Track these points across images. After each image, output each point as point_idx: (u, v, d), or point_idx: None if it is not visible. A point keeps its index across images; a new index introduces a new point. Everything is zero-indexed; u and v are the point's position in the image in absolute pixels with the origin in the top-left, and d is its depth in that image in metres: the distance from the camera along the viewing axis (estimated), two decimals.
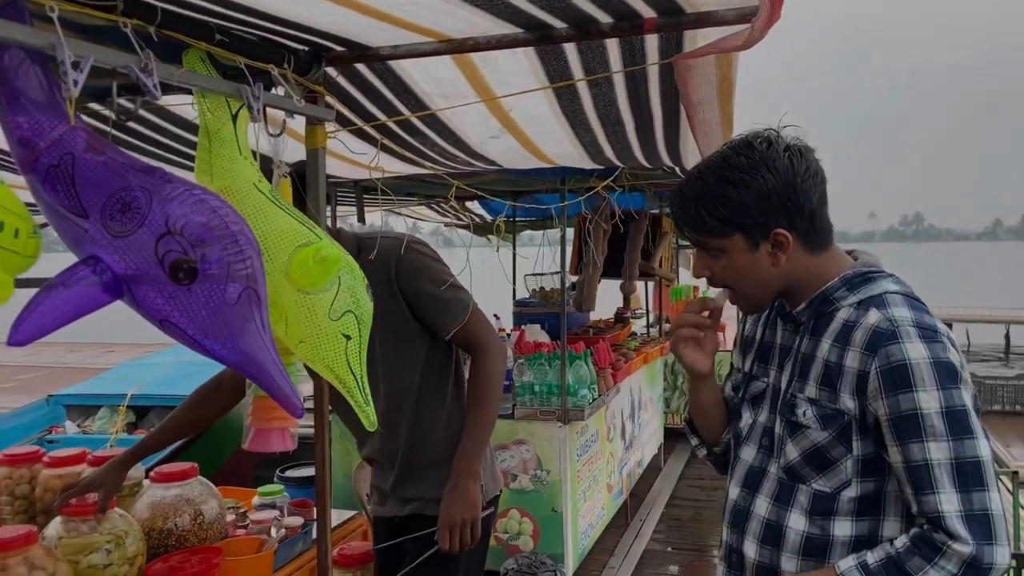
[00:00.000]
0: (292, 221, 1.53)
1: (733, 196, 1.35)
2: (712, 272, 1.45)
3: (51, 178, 1.14)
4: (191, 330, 1.12)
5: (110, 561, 2.09)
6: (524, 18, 1.66)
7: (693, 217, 1.40)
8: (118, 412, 5.11)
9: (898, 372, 1.26)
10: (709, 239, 1.40)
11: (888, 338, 1.29)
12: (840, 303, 1.39)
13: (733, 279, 1.43)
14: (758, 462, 1.49)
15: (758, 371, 1.55)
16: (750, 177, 1.34)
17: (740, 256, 1.40)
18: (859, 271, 1.41)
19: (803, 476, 1.39)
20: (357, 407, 1.55)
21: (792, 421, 1.40)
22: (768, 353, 1.54)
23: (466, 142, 2.89)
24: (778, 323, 1.54)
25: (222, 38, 1.54)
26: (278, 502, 2.69)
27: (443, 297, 2.15)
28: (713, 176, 1.37)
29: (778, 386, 1.48)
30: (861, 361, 1.31)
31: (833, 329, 1.38)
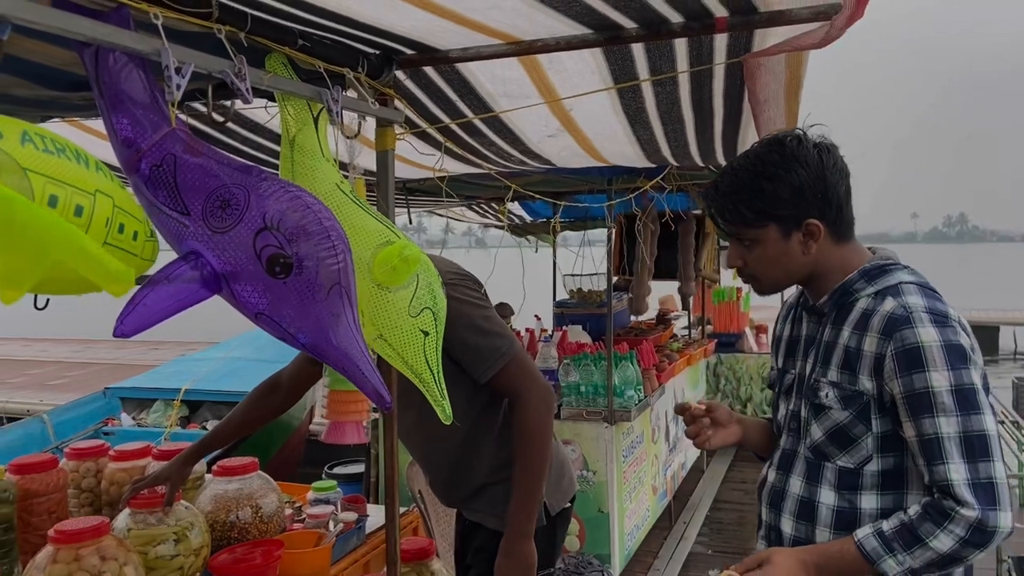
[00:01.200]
0: (373, 220, 1.56)
1: (768, 189, 1.46)
2: (745, 262, 1.56)
3: (154, 177, 1.18)
4: (285, 323, 1.16)
5: (177, 552, 2.13)
6: (596, 19, 1.68)
7: (730, 210, 1.51)
8: (172, 406, 5.23)
9: (912, 354, 1.38)
10: (745, 230, 1.51)
11: (903, 323, 1.40)
12: (859, 294, 1.50)
13: (764, 267, 1.54)
14: (789, 445, 1.61)
15: (787, 364, 1.67)
16: (784, 172, 1.45)
17: (774, 245, 1.51)
18: (876, 264, 1.52)
19: (828, 454, 1.51)
20: (434, 401, 1.58)
21: (816, 403, 1.52)
22: (795, 346, 1.65)
23: (524, 141, 2.91)
24: (803, 317, 1.65)
25: (304, 43, 1.59)
26: (332, 497, 2.73)
27: (475, 346, 2.01)
28: (747, 172, 1.49)
29: (803, 374, 1.59)
30: (878, 345, 1.41)
31: (853, 318, 1.48)
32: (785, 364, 1.68)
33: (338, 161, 1.64)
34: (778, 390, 1.69)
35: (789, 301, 1.78)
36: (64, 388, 9.37)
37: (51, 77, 1.63)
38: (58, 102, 1.83)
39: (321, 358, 1.22)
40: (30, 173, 0.85)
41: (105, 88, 1.23)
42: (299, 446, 5.84)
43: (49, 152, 0.90)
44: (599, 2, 1.56)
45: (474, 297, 2.06)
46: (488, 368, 2.01)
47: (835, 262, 1.54)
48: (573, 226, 8.07)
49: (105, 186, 1.03)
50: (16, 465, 2.23)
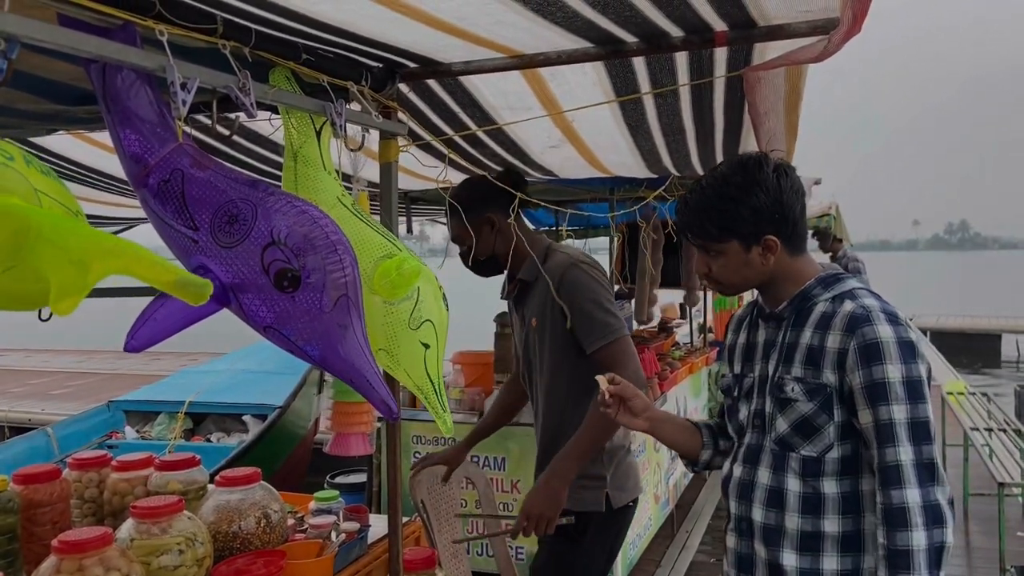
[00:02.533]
0: (374, 234, 1.58)
1: (731, 210, 1.61)
2: (710, 269, 1.71)
3: (162, 192, 1.19)
4: (294, 336, 1.17)
5: (180, 563, 2.11)
6: (597, 33, 1.69)
7: (697, 225, 1.67)
8: (176, 418, 5.23)
9: (871, 348, 1.54)
10: (710, 244, 1.66)
11: (863, 321, 1.56)
12: (817, 299, 1.65)
13: (727, 274, 1.69)
14: (755, 441, 1.73)
15: (745, 369, 1.78)
16: (745, 195, 1.60)
17: (735, 257, 1.66)
18: (830, 273, 1.69)
19: (792, 444, 1.64)
20: (434, 412, 1.59)
21: (781, 398, 1.65)
22: (752, 351, 1.77)
23: (527, 152, 2.93)
24: (758, 324, 1.78)
25: (308, 57, 1.60)
26: (334, 507, 2.72)
27: (592, 316, 2.33)
28: (714, 192, 1.63)
29: (765, 374, 1.71)
30: (841, 341, 1.57)
31: (813, 320, 1.63)
32: (743, 369, 1.79)
33: (342, 173, 1.65)
34: (737, 394, 1.80)
35: (738, 313, 1.92)
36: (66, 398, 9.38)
37: (56, 91, 1.65)
38: (63, 115, 1.85)
39: (329, 370, 1.23)
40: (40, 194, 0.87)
41: (112, 103, 1.24)
42: (305, 456, 5.85)
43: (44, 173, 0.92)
44: (600, 17, 1.58)
45: (602, 279, 2.42)
46: (599, 339, 2.33)
47: (791, 272, 1.69)
48: (576, 235, 8.09)
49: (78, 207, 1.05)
50: (20, 476, 2.23)
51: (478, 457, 4.37)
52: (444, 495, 3.42)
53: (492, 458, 4.41)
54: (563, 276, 2.37)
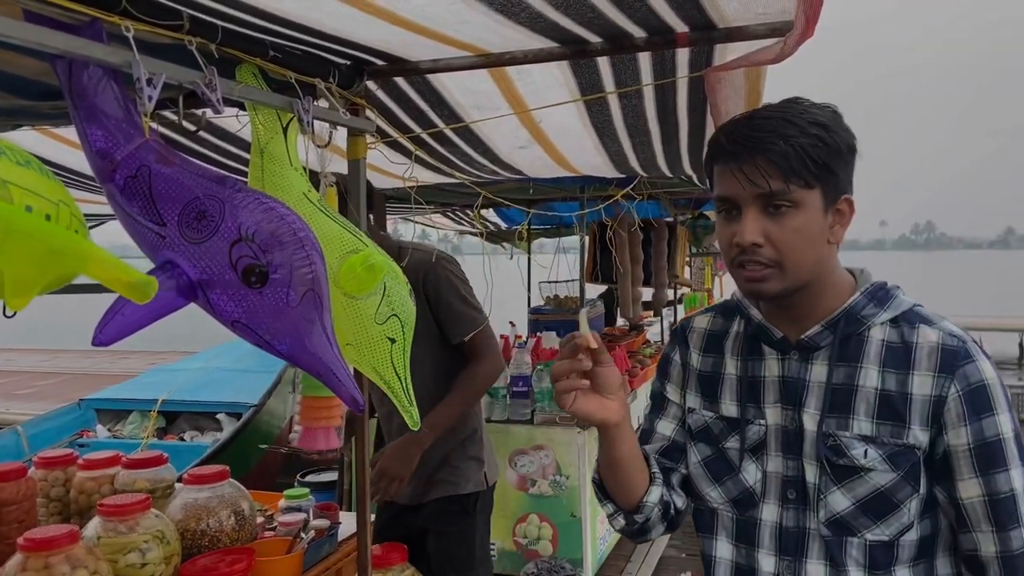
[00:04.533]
0: (340, 229, 1.59)
1: (828, 140, 1.14)
2: (768, 236, 1.16)
3: (128, 188, 1.21)
4: (261, 330, 1.19)
5: (147, 561, 2.12)
6: (562, 33, 1.73)
7: (792, 152, 1.13)
8: (149, 417, 5.19)
9: (980, 394, 1.16)
10: (791, 187, 1.14)
11: (963, 357, 1.17)
12: (870, 321, 1.23)
13: (798, 245, 1.16)
14: (792, 521, 1.26)
15: (752, 413, 1.30)
16: (842, 128, 1.17)
17: (813, 217, 1.16)
18: (878, 283, 1.27)
19: (854, 527, 1.21)
20: (401, 407, 1.62)
21: (841, 465, 1.21)
22: (757, 389, 1.30)
23: (495, 152, 2.96)
24: (764, 352, 1.30)
25: (275, 54, 1.62)
26: (304, 505, 2.73)
27: (458, 310, 2.53)
28: (800, 116, 1.15)
29: (795, 428, 1.26)
30: (935, 385, 1.17)
31: (875, 353, 1.21)
32: (744, 412, 1.31)
33: (308, 170, 1.67)
34: (737, 446, 1.31)
35: (701, 323, 1.43)
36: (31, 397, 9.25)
37: (21, 87, 1.64)
38: (28, 111, 1.85)
39: (297, 364, 1.25)
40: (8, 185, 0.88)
41: (78, 99, 1.25)
42: (278, 456, 5.83)
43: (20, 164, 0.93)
44: (564, 18, 1.61)
45: (461, 275, 2.59)
46: (464, 330, 2.52)
47: (834, 274, 1.25)
48: (547, 233, 8.14)
49: (64, 196, 1.06)
50: None
51: None
52: None
53: None
54: (426, 274, 2.53)
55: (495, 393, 4.55)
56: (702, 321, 1.43)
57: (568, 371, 1.19)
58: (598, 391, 1.22)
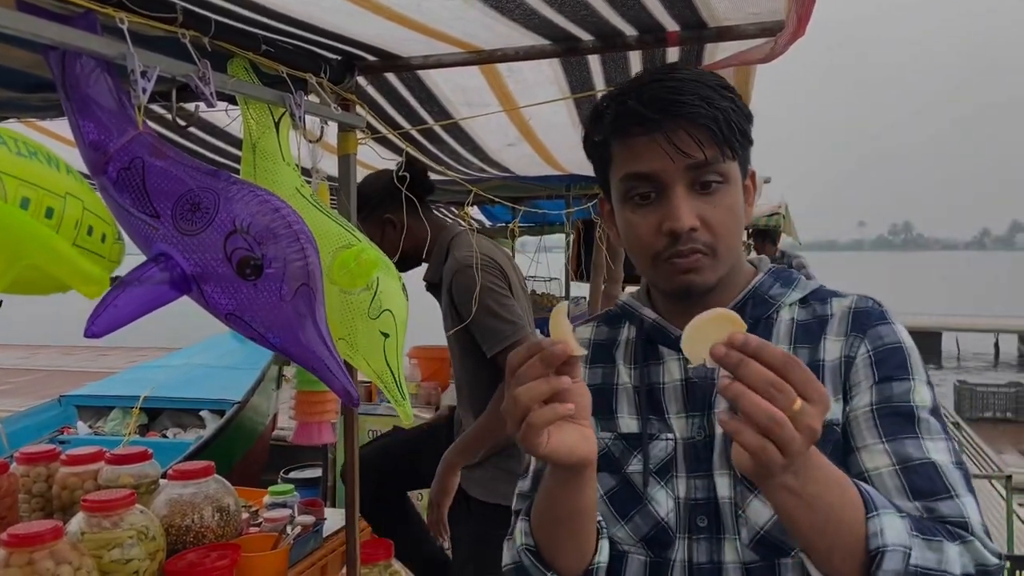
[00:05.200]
0: (333, 224, 1.60)
1: (741, 105, 1.03)
2: (706, 220, 1.01)
3: (121, 180, 1.20)
4: (255, 323, 1.19)
5: (132, 556, 2.12)
6: (554, 31, 1.73)
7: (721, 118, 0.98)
8: (131, 413, 5.15)
9: (894, 356, 1.02)
10: (724, 158, 1.01)
11: (877, 318, 1.05)
12: (778, 301, 1.10)
13: (729, 225, 1.02)
14: (704, 556, 1.03)
15: (654, 427, 1.08)
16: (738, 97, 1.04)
17: (739, 193, 1.05)
18: (779, 267, 1.16)
19: (784, 544, 0.99)
20: (395, 402, 1.62)
21: None
22: (657, 398, 1.10)
23: (484, 149, 2.96)
24: (661, 354, 1.11)
25: (267, 48, 1.61)
26: (289, 501, 2.73)
27: (483, 324, 2.37)
28: (705, 79, 1.02)
29: (703, 437, 1.05)
30: (845, 346, 1.04)
31: (784, 332, 1.08)
32: (648, 426, 1.08)
33: (300, 166, 1.66)
34: (645, 469, 1.07)
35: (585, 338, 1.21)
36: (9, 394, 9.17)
37: (10, 79, 1.63)
38: (16, 103, 1.83)
39: (291, 357, 1.25)
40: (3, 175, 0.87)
41: (71, 91, 1.24)
42: (263, 453, 5.81)
43: (22, 155, 0.92)
44: (557, 15, 1.62)
45: (495, 284, 2.42)
46: (494, 345, 2.38)
47: (740, 259, 1.11)
48: (531, 231, 8.15)
49: (75, 189, 1.05)
50: None
51: None
52: None
53: None
54: (453, 284, 2.42)
55: None
56: (584, 331, 1.22)
57: (545, 395, 0.86)
58: (574, 416, 0.89)
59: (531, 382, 0.86)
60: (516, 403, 0.86)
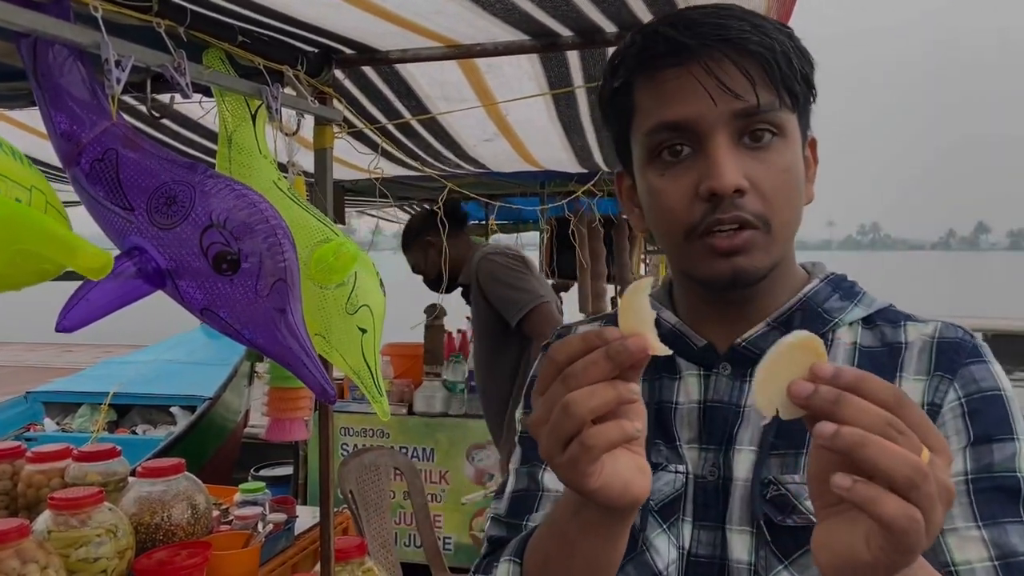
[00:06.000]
0: (311, 218, 1.58)
1: (802, 46, 0.80)
2: (756, 183, 0.77)
3: (95, 172, 1.18)
4: (231, 319, 1.17)
5: (100, 555, 2.09)
6: (534, 26, 1.73)
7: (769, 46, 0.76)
8: (99, 410, 5.06)
9: (993, 407, 0.78)
10: (780, 105, 0.77)
11: (970, 353, 0.80)
12: (837, 318, 0.86)
13: (783, 196, 0.79)
14: None
15: (658, 455, 0.86)
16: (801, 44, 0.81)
17: (798, 153, 0.81)
18: (840, 273, 0.92)
19: None
20: (371, 397, 1.60)
21: (790, 527, 0.79)
22: (667, 421, 0.88)
23: (460, 144, 2.96)
24: (678, 368, 0.89)
25: (244, 39, 1.59)
26: (260, 499, 2.71)
27: (505, 296, 2.76)
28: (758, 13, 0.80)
29: (716, 478, 0.83)
30: (928, 390, 0.80)
31: (843, 359, 0.84)
32: (654, 453, 0.86)
33: (276, 159, 1.64)
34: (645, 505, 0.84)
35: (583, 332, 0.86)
36: None
37: None
38: None
39: (266, 353, 1.24)
40: None
41: (43, 80, 1.21)
42: (234, 450, 5.75)
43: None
44: (538, 10, 1.61)
45: (510, 263, 2.84)
46: (517, 313, 2.70)
47: (791, 254, 0.87)
48: (505, 228, 8.14)
49: (39, 182, 1.03)
50: None
51: (407, 448, 4.40)
52: (373, 486, 3.43)
53: (421, 449, 4.44)
54: (477, 271, 2.81)
55: (452, 387, 4.55)
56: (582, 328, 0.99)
57: (610, 405, 0.62)
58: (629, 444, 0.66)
59: (592, 386, 0.62)
60: (567, 413, 0.61)
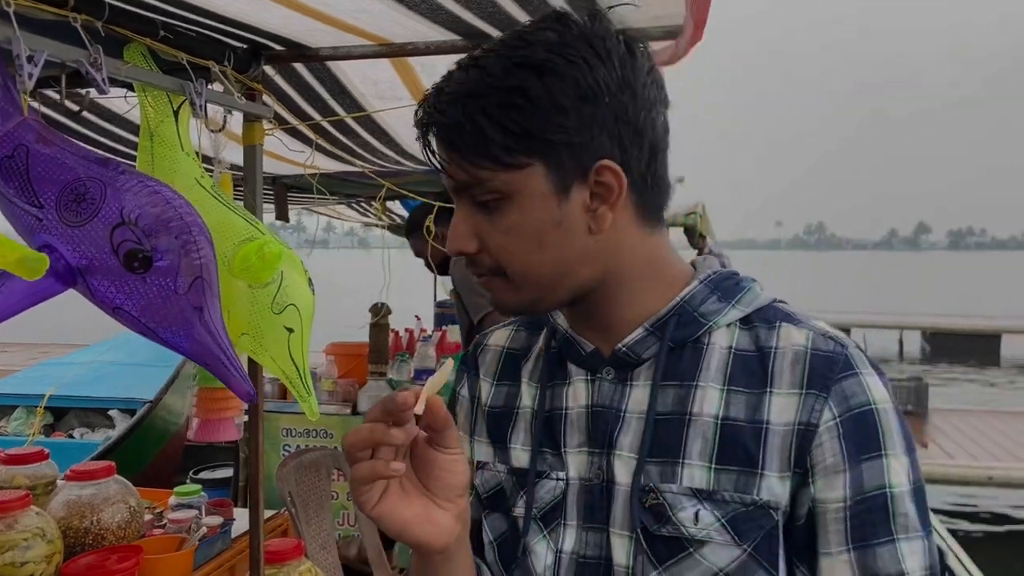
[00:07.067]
0: (234, 216, 1.56)
1: (536, 92, 0.76)
2: (482, 242, 0.83)
3: (5, 168, 1.15)
4: (144, 318, 1.16)
5: (28, 559, 2.05)
6: (463, 26, 1.74)
7: (468, 132, 0.78)
8: (35, 413, 4.92)
9: (864, 424, 0.80)
10: (488, 172, 0.79)
11: (842, 367, 0.81)
12: (712, 320, 0.86)
13: (509, 252, 0.83)
14: None
15: (546, 461, 0.90)
16: (566, 61, 0.76)
17: (538, 205, 0.80)
18: (723, 272, 0.90)
19: None
20: (299, 397, 1.60)
21: (664, 537, 0.81)
22: (555, 426, 0.90)
23: (397, 142, 2.95)
24: (568, 371, 0.92)
25: (166, 34, 1.57)
26: (195, 502, 2.67)
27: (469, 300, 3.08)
28: (501, 62, 0.77)
29: (602, 479, 0.86)
30: (802, 408, 0.80)
31: (717, 365, 0.84)
32: (539, 460, 0.90)
33: (201, 155, 1.63)
34: (527, 513, 0.89)
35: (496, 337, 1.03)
36: None
37: None
38: None
39: (183, 353, 1.23)
40: None
41: None
42: (176, 454, 5.64)
43: None
44: (464, 11, 1.62)
45: None
46: (475, 314, 3.00)
47: (642, 261, 0.86)
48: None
49: None
50: None
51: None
52: (313, 487, 3.40)
53: None
54: (453, 269, 3.10)
55: (398, 387, 4.54)
56: (500, 337, 1.03)
57: (368, 444, 0.72)
58: (427, 490, 0.76)
59: (364, 425, 0.73)
60: (344, 445, 0.74)
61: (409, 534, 0.75)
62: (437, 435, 0.75)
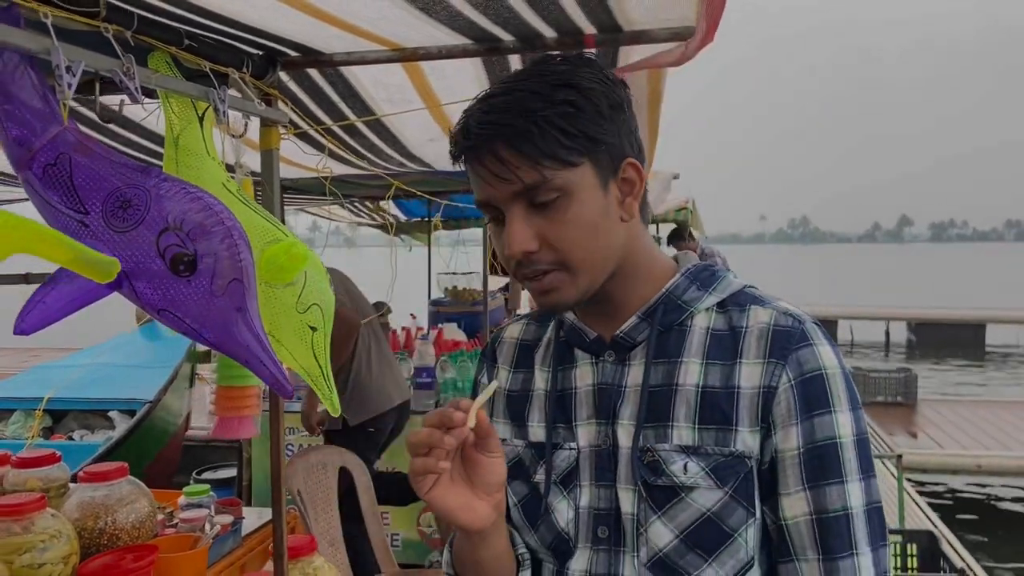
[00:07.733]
0: (260, 219, 1.60)
1: (581, 103, 0.93)
2: (542, 237, 0.96)
3: (48, 176, 1.19)
4: (189, 319, 1.20)
5: (44, 561, 2.08)
6: (477, 31, 1.79)
7: (532, 134, 0.91)
8: (33, 416, 4.91)
9: (815, 385, 0.96)
10: (551, 171, 0.92)
11: (798, 339, 0.98)
12: (693, 307, 1.03)
13: (582, 239, 0.96)
14: (603, 568, 1.03)
15: (561, 435, 1.08)
16: (596, 81, 0.95)
17: (590, 199, 0.95)
18: (701, 264, 1.08)
19: (681, 568, 0.98)
20: (323, 396, 1.64)
21: (661, 486, 0.99)
22: (567, 405, 1.08)
23: (404, 144, 2.99)
24: (576, 358, 1.09)
25: (190, 43, 1.61)
26: (205, 501, 2.70)
27: None
28: (543, 83, 0.93)
29: (609, 444, 1.03)
30: (764, 374, 0.97)
31: (697, 343, 1.02)
32: (552, 435, 1.08)
33: (224, 161, 1.66)
34: (544, 479, 1.07)
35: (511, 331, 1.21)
36: None
37: None
38: None
39: (224, 352, 1.26)
40: None
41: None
42: (175, 454, 5.65)
43: None
44: (481, 17, 1.67)
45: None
46: None
47: (647, 256, 1.05)
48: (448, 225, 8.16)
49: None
50: None
51: None
52: (320, 484, 3.44)
53: None
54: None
55: None
56: (514, 330, 1.20)
57: (426, 446, 0.90)
58: (471, 484, 0.94)
59: (423, 429, 0.91)
60: (408, 444, 0.93)
61: (453, 518, 0.94)
62: (482, 441, 0.93)
